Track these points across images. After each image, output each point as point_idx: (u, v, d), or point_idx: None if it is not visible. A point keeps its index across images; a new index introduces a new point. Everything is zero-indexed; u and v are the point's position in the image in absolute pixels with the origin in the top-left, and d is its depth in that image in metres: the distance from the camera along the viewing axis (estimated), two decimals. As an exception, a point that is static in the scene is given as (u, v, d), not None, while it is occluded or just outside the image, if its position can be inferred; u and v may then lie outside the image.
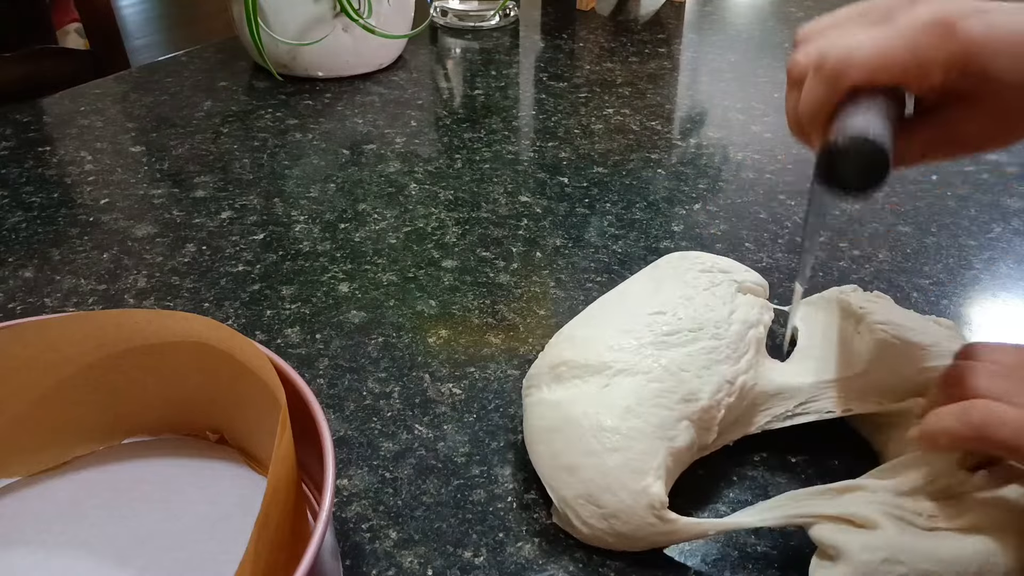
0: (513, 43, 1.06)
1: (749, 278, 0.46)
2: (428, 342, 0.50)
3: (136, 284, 0.55)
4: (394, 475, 0.41)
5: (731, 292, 0.44)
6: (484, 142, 0.77)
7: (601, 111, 0.84)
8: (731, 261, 0.47)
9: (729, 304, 0.43)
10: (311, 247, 0.60)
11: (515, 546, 0.37)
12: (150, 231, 0.61)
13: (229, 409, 0.39)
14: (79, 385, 0.38)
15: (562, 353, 0.41)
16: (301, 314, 0.52)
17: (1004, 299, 0.55)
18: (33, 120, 0.79)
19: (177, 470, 0.40)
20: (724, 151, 0.75)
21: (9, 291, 0.54)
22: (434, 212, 0.64)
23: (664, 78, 0.94)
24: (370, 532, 0.38)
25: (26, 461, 0.39)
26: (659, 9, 1.20)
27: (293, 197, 0.67)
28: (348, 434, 0.43)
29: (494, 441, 0.43)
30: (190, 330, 0.36)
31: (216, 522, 0.37)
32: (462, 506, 0.39)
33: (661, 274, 0.46)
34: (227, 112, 0.82)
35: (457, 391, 0.46)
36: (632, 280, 0.47)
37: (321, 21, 0.85)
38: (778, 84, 0.91)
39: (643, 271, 0.48)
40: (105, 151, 0.74)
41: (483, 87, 0.90)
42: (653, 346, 0.40)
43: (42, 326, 0.36)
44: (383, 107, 0.84)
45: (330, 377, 0.47)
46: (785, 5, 1.22)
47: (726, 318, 0.42)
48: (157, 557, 0.36)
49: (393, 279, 0.56)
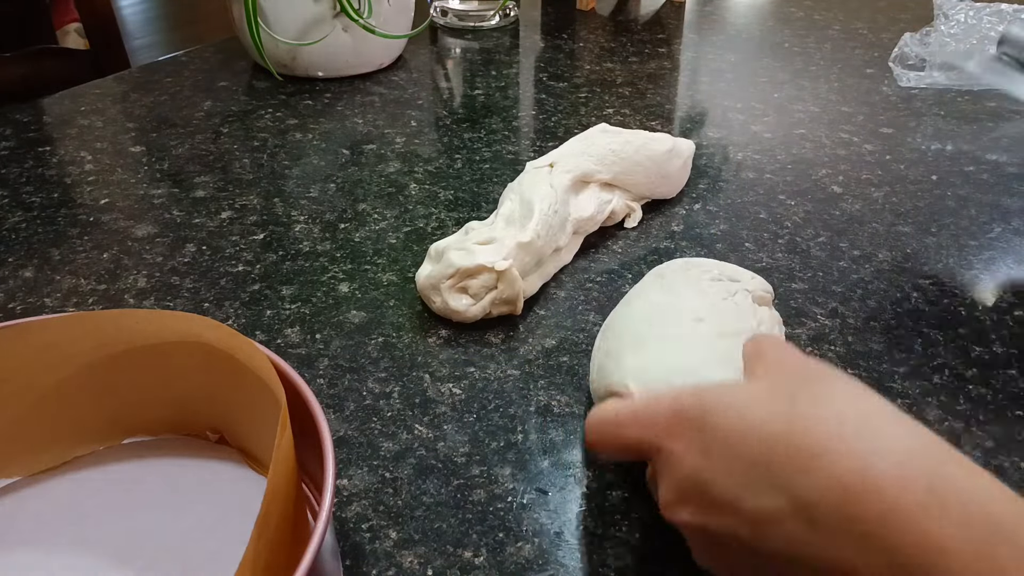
0: (513, 43, 1.06)
1: (758, 286, 0.46)
2: (428, 342, 0.50)
3: (136, 284, 0.55)
4: (394, 475, 0.41)
5: (749, 302, 0.43)
6: (484, 142, 0.77)
7: (601, 111, 0.84)
8: (736, 268, 0.47)
9: (753, 317, 0.42)
10: (311, 247, 0.60)
11: (515, 546, 0.37)
12: (150, 231, 0.61)
13: (229, 409, 0.39)
14: (79, 385, 0.38)
15: (629, 389, 0.39)
16: (301, 314, 0.52)
17: (1004, 299, 0.55)
18: (33, 120, 0.79)
19: (177, 470, 0.40)
20: (724, 151, 0.75)
21: (9, 291, 0.54)
22: (434, 212, 0.64)
23: (664, 78, 0.94)
24: (370, 532, 0.38)
25: (26, 461, 0.39)
26: (659, 9, 1.20)
27: (293, 197, 0.67)
28: (348, 434, 0.43)
29: (494, 441, 0.43)
30: (190, 330, 0.36)
31: (216, 522, 0.37)
32: (462, 506, 0.39)
33: (671, 283, 0.45)
34: (227, 112, 0.82)
35: (457, 391, 0.46)
36: (640, 293, 0.46)
37: (321, 21, 0.85)
38: (778, 84, 0.91)
39: (648, 282, 0.47)
40: (105, 151, 0.74)
41: (483, 87, 0.90)
42: (716, 363, 0.39)
43: (42, 326, 0.36)
44: (383, 107, 0.84)
45: (330, 377, 0.47)
46: (785, 5, 1.22)
47: (755, 328, 0.42)
48: (157, 557, 0.36)
49: (393, 279, 0.56)
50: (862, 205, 0.66)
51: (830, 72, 0.95)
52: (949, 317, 0.53)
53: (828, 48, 1.03)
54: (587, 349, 0.49)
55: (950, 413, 0.45)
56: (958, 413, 0.45)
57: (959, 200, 0.67)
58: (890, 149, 0.76)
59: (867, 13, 1.18)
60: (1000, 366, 0.49)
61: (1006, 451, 0.43)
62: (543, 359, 0.49)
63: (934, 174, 0.71)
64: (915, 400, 0.46)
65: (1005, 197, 0.68)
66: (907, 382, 0.47)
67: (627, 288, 0.55)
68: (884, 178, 0.70)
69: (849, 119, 0.82)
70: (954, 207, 0.66)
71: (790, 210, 0.65)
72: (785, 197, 0.67)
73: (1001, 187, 0.69)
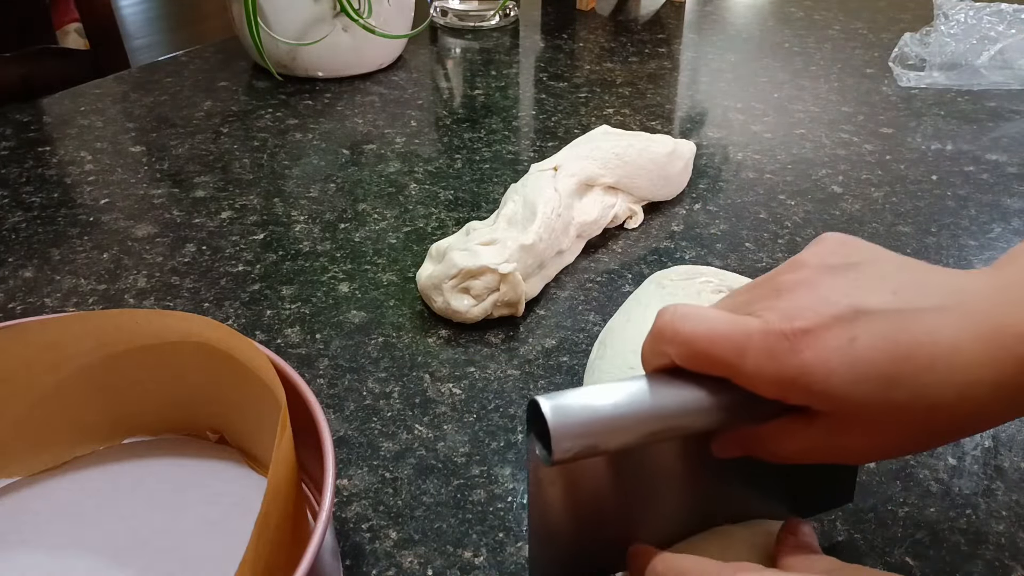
0: (513, 43, 1.06)
1: None
2: (428, 342, 0.50)
3: (136, 284, 0.55)
4: (394, 475, 0.41)
5: None
6: (484, 142, 0.77)
7: (601, 111, 0.84)
8: (738, 277, 0.46)
9: None
10: (311, 247, 0.60)
11: (515, 546, 0.37)
12: (150, 231, 0.61)
13: (229, 409, 0.39)
14: (79, 385, 0.38)
15: None
16: (301, 314, 0.52)
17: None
18: (33, 120, 0.79)
19: (177, 470, 0.40)
20: (724, 151, 0.75)
21: (9, 291, 0.54)
22: (434, 212, 0.64)
23: (664, 78, 0.94)
24: (370, 532, 0.38)
25: (26, 461, 0.39)
26: (659, 9, 1.20)
27: (293, 197, 0.67)
28: (348, 434, 0.43)
29: (494, 441, 0.43)
30: (190, 330, 0.36)
31: (216, 522, 0.37)
32: (462, 506, 0.39)
33: (671, 293, 0.45)
34: (227, 112, 0.82)
35: (457, 391, 0.46)
36: (640, 302, 0.46)
37: (321, 21, 0.85)
38: (778, 84, 0.91)
39: (648, 291, 0.47)
40: (105, 151, 0.74)
41: (483, 87, 0.90)
42: None
43: (42, 326, 0.36)
44: (383, 107, 0.84)
45: (330, 377, 0.47)
46: (785, 5, 1.22)
47: None
48: (157, 557, 0.36)
49: (393, 279, 0.56)
50: (862, 205, 0.66)
51: (830, 72, 0.95)
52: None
53: (828, 48, 1.03)
54: (587, 349, 0.49)
55: (950, 413, 0.45)
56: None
57: (959, 200, 0.67)
58: (890, 149, 0.76)
59: (867, 13, 1.18)
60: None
61: (1006, 450, 0.43)
62: (543, 359, 0.49)
63: (934, 174, 0.71)
64: (915, 400, 0.46)
65: (1005, 197, 0.68)
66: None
67: (627, 288, 0.55)
68: (884, 178, 0.70)
69: (849, 119, 0.82)
70: (954, 207, 0.66)
71: (790, 210, 0.65)
72: (785, 197, 0.67)
73: (1001, 187, 0.69)
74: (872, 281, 0.28)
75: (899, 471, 0.41)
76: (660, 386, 0.28)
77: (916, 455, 0.42)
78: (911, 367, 0.26)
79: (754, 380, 0.27)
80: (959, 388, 0.26)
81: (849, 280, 0.28)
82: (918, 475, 0.41)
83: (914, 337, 0.26)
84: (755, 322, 0.27)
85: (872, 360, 0.26)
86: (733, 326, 0.27)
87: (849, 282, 0.28)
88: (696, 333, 0.28)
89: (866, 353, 0.26)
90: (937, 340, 0.26)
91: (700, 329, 0.28)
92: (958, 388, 0.26)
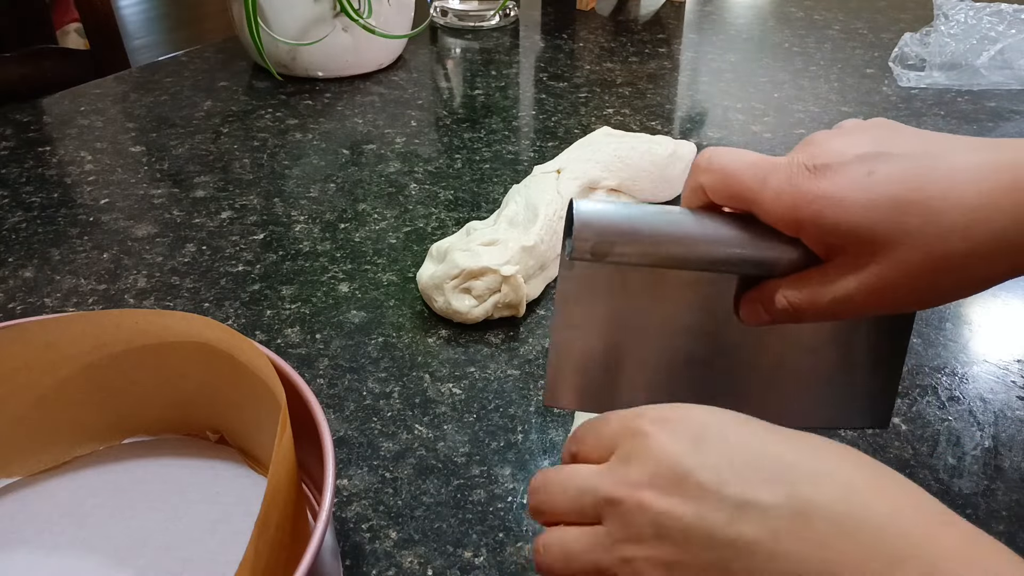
0: (513, 43, 1.06)
1: None
2: (428, 342, 0.50)
3: (136, 284, 0.55)
4: (394, 475, 0.41)
5: None
6: (484, 142, 0.77)
7: (601, 111, 0.84)
8: None
9: None
10: (311, 247, 0.60)
11: (515, 546, 0.37)
12: (150, 231, 0.61)
13: (229, 409, 0.39)
14: (79, 385, 0.38)
15: None
16: (301, 314, 0.52)
17: (1004, 299, 0.55)
18: (33, 120, 0.79)
19: (177, 470, 0.40)
20: (724, 151, 0.75)
21: (9, 291, 0.54)
22: (434, 212, 0.64)
23: (664, 78, 0.93)
24: (370, 532, 0.38)
25: (26, 461, 0.39)
26: (659, 9, 1.20)
27: (293, 197, 0.67)
28: (348, 434, 0.43)
29: (494, 441, 0.43)
30: (190, 330, 0.36)
31: (216, 522, 0.37)
32: (462, 506, 0.39)
33: None
34: (227, 112, 0.82)
35: (457, 391, 0.46)
36: None
37: (321, 21, 0.85)
38: (778, 84, 0.91)
39: None
40: (105, 151, 0.74)
41: (483, 87, 0.90)
42: None
43: (42, 326, 0.36)
44: (383, 107, 0.84)
45: (330, 377, 0.47)
46: (785, 5, 1.22)
47: None
48: (157, 557, 0.36)
49: (393, 279, 0.56)
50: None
51: (830, 72, 0.95)
52: (948, 317, 0.53)
53: (828, 48, 1.03)
54: (587, 349, 0.49)
55: (949, 413, 0.45)
56: (957, 413, 0.45)
57: (959, 200, 0.67)
58: (890, 149, 0.76)
59: (867, 13, 1.18)
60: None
61: (1006, 450, 0.43)
62: (543, 359, 0.49)
63: (934, 174, 0.71)
64: (913, 400, 0.46)
65: (1005, 197, 0.67)
66: (905, 382, 0.47)
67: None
68: (884, 178, 0.70)
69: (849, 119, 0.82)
70: (954, 207, 0.66)
71: (790, 210, 0.65)
72: (785, 197, 0.67)
73: (1001, 187, 0.69)
74: (904, 136, 0.30)
75: (899, 471, 0.41)
76: (686, 215, 0.31)
77: (916, 456, 0.42)
78: (924, 194, 0.27)
79: (772, 209, 0.29)
80: (972, 215, 0.27)
81: (882, 132, 0.30)
82: (918, 475, 0.41)
83: (934, 168, 0.27)
84: (783, 159, 0.30)
85: (887, 188, 0.27)
86: (762, 159, 0.30)
87: (881, 133, 0.30)
88: (727, 160, 0.30)
89: (882, 182, 0.28)
90: (955, 173, 0.27)
91: (732, 158, 0.30)
92: (970, 215, 0.27)
